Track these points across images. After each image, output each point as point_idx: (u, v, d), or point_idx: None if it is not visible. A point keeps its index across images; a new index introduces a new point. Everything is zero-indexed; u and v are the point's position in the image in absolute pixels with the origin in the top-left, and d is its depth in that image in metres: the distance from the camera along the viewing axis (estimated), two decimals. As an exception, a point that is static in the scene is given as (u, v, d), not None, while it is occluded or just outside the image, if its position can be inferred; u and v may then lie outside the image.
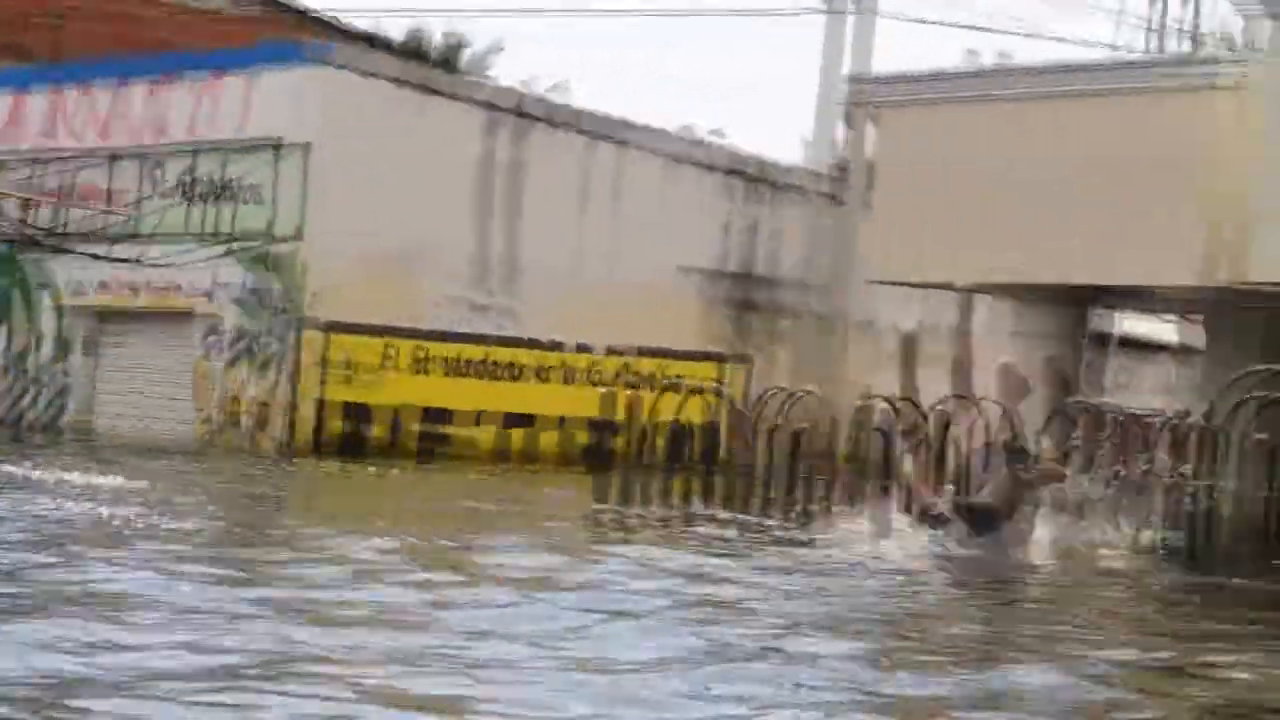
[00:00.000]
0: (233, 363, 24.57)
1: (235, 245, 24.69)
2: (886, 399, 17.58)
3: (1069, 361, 18.38)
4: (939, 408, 17.28)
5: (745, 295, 26.31)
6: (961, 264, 18.23)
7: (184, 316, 25.27)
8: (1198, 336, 23.44)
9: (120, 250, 25.67)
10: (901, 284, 19.32)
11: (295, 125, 24.33)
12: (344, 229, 23.77)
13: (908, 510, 15.88)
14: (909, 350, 21.01)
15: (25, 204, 27.05)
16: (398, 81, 24.67)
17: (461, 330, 24.67)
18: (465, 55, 35.62)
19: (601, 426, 18.45)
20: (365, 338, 23.98)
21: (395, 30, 34.40)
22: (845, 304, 24.94)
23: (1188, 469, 15.56)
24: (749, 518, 16.49)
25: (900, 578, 12.90)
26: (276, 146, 24.44)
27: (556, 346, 24.87)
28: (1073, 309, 18.91)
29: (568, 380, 24.79)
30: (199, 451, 23.65)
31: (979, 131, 18.23)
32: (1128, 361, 22.73)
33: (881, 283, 19.60)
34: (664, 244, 25.30)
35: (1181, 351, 24.79)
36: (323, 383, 23.76)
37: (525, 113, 25.32)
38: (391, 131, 24.14)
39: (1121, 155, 17.28)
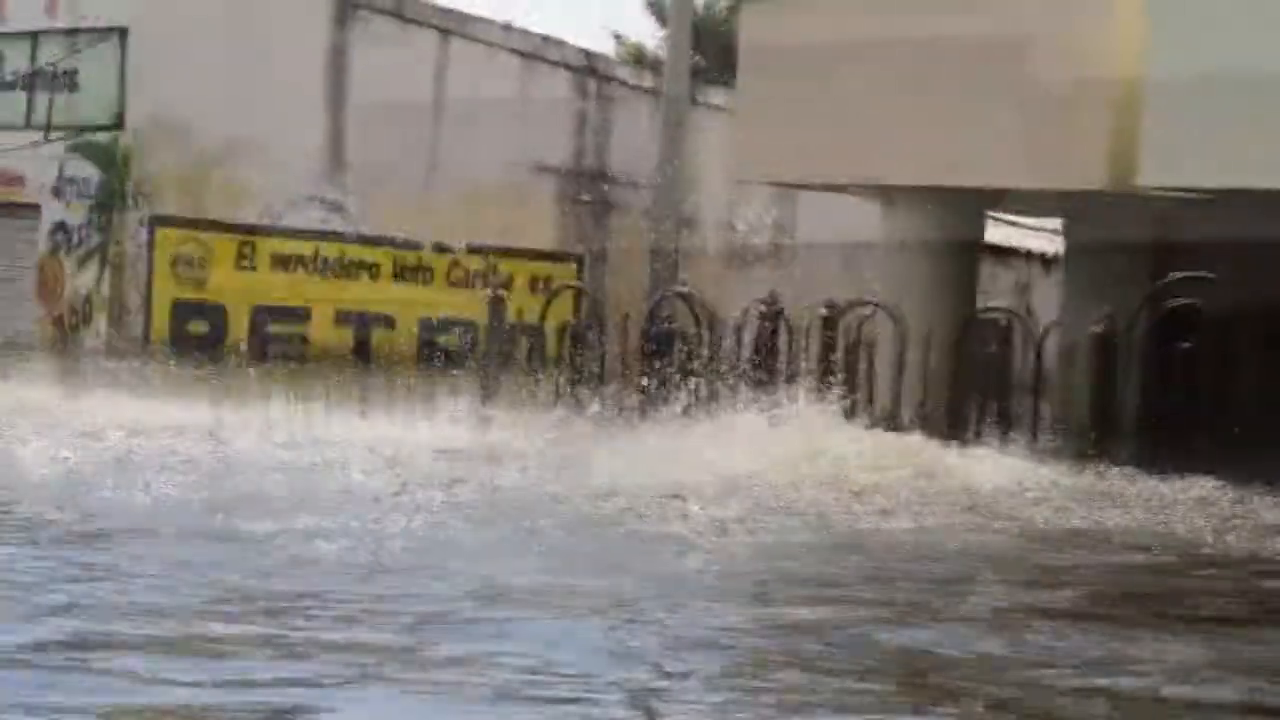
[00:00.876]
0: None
1: (54, 134, 23.39)
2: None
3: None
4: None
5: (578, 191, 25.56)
6: (844, 164, 17.90)
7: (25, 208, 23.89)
8: (1048, 242, 23.55)
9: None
10: (777, 184, 18.84)
11: (113, 6, 23.09)
12: (167, 118, 22.67)
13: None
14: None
15: None
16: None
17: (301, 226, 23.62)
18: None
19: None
20: (215, 234, 22.86)
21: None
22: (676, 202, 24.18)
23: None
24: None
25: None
26: (94, 30, 23.19)
27: (413, 246, 23.85)
28: (959, 214, 18.71)
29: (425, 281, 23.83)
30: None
31: (859, 27, 17.89)
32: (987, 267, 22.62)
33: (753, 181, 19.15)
34: (506, 141, 24.52)
35: (1034, 257, 24.84)
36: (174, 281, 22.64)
37: (361, 3, 24.24)
38: (218, 16, 22.99)
39: (1007, 53, 17.15)
